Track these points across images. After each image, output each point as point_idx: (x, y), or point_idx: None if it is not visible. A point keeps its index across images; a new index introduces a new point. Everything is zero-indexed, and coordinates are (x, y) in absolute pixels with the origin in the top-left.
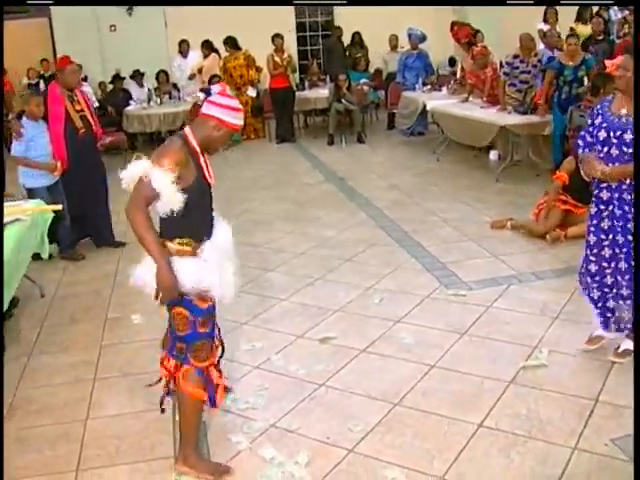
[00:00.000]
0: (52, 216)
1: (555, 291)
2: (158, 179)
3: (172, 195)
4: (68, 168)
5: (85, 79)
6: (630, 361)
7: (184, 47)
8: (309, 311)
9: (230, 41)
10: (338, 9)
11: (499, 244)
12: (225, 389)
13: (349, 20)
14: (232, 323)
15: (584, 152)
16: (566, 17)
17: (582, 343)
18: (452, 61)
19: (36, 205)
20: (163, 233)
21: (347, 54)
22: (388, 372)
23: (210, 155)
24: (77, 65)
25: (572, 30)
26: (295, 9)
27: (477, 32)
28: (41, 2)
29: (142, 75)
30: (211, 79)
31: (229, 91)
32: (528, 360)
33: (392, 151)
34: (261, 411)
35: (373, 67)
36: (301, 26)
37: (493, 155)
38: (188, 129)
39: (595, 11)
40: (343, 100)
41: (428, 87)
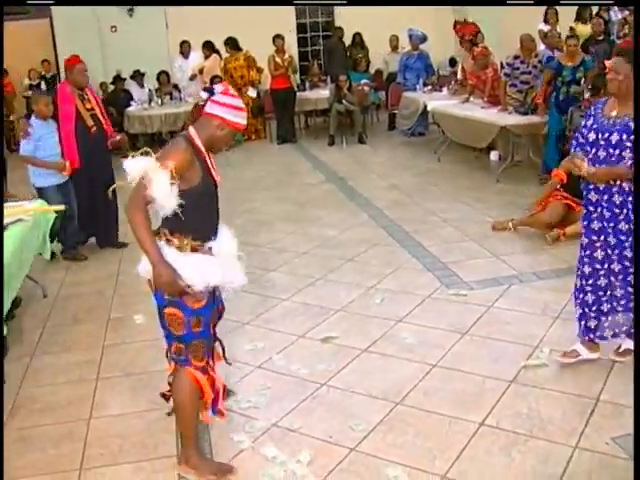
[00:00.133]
0: (57, 216)
1: (556, 291)
2: (157, 183)
3: (167, 199)
4: (79, 167)
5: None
6: (631, 360)
7: (185, 48)
8: (311, 311)
9: (231, 42)
10: (338, 10)
11: (500, 244)
12: (226, 391)
13: (350, 21)
14: (234, 323)
15: (574, 151)
16: (566, 17)
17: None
18: (452, 62)
19: (38, 205)
20: (166, 227)
21: (348, 55)
22: (390, 371)
23: (214, 154)
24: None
25: (572, 30)
26: (296, 10)
27: (478, 32)
28: (41, 2)
29: (143, 76)
30: (212, 80)
31: (232, 90)
32: (529, 359)
33: (393, 151)
34: (263, 410)
35: (374, 68)
36: (301, 27)
37: (494, 155)
38: (192, 129)
39: (595, 12)
40: (344, 101)
41: (429, 88)
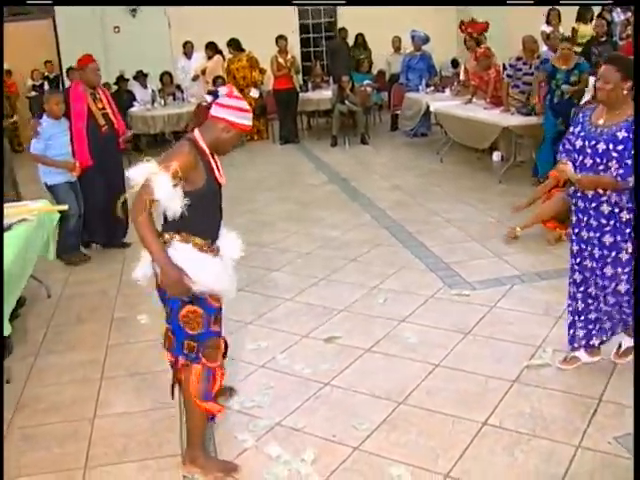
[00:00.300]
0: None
1: (558, 291)
2: (159, 185)
3: (171, 200)
4: (90, 166)
5: None
6: (616, 367)
7: (188, 48)
8: (314, 311)
9: (233, 43)
10: (341, 11)
11: (502, 244)
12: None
13: (352, 22)
14: (237, 323)
15: (561, 157)
16: (569, 19)
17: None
18: (455, 62)
19: (42, 205)
20: (169, 229)
21: (351, 55)
22: (393, 371)
23: (220, 156)
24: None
25: (574, 31)
26: (298, 11)
27: (481, 33)
28: (41, 2)
29: (146, 76)
30: (215, 80)
31: (236, 92)
32: (532, 359)
33: (395, 152)
34: (267, 409)
35: (376, 68)
36: (304, 27)
37: (496, 156)
38: (197, 132)
39: (598, 13)
40: (346, 101)
41: (431, 88)
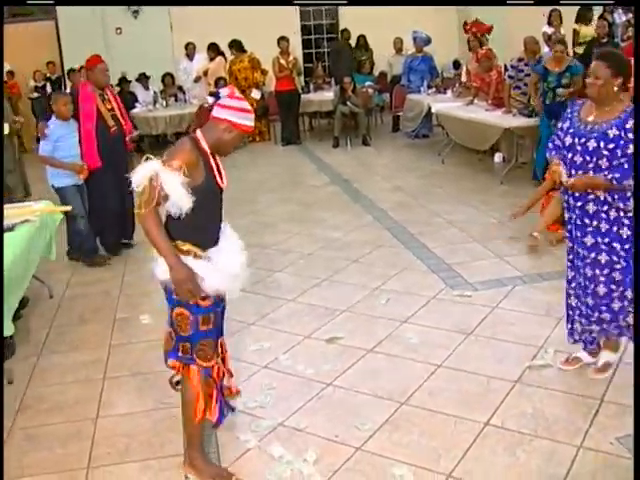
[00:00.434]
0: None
1: (560, 291)
2: (168, 180)
3: (182, 196)
4: (100, 167)
5: None
6: (617, 368)
7: (190, 49)
8: (316, 311)
9: (235, 44)
10: (343, 12)
11: (504, 245)
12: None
13: (354, 23)
14: (240, 323)
15: (551, 155)
16: (571, 20)
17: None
18: (456, 64)
19: (45, 206)
20: (170, 233)
21: (353, 57)
22: (395, 372)
23: (221, 157)
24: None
25: (575, 32)
26: (300, 12)
27: (484, 34)
28: (41, 2)
29: (148, 78)
30: (217, 82)
31: (238, 93)
32: (534, 360)
33: (397, 153)
34: (269, 410)
35: (377, 70)
36: (306, 29)
37: (498, 158)
38: (199, 132)
39: (599, 14)
40: (348, 103)
41: (433, 90)
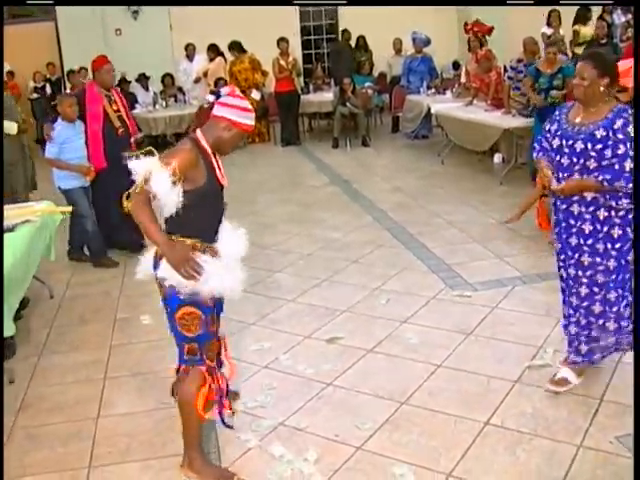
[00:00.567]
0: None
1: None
2: (158, 180)
3: (169, 198)
4: (106, 168)
5: None
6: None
7: (190, 50)
8: (316, 312)
9: (235, 45)
10: (342, 12)
11: (504, 246)
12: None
13: (353, 24)
14: (240, 323)
15: (537, 157)
16: (570, 21)
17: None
18: (456, 65)
19: (46, 206)
20: (169, 229)
21: (353, 57)
22: (395, 372)
23: (221, 156)
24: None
25: (576, 32)
26: (299, 13)
27: (483, 35)
28: (41, 2)
29: (148, 79)
30: (216, 82)
31: (238, 92)
32: (533, 360)
33: (396, 154)
34: (270, 410)
35: (377, 71)
36: (305, 30)
37: (497, 158)
38: (199, 132)
39: (598, 15)
40: (348, 103)
41: (432, 90)
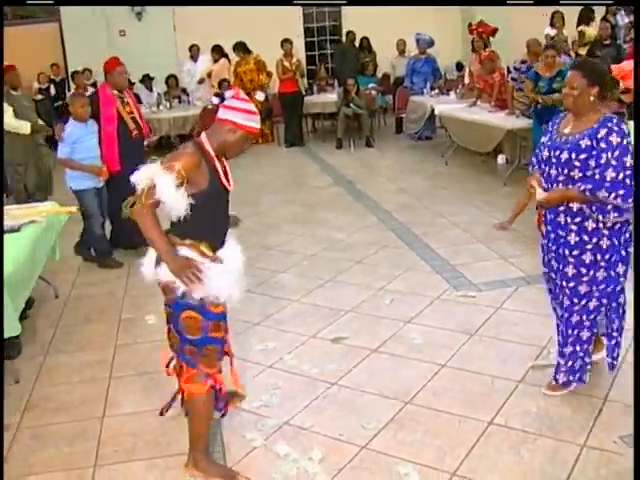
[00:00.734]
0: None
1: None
2: (163, 185)
3: (175, 201)
4: (121, 170)
5: (94, 84)
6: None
7: (194, 51)
8: (321, 312)
9: (240, 46)
10: (345, 13)
11: (508, 246)
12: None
13: (357, 25)
14: (244, 324)
15: (532, 170)
16: (573, 21)
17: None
18: (459, 66)
19: (51, 207)
20: (175, 233)
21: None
22: (399, 371)
23: (228, 159)
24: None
25: (581, 33)
26: (303, 14)
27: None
28: (41, 2)
29: (152, 80)
30: (220, 83)
31: (243, 95)
32: (537, 360)
33: (400, 155)
34: (275, 409)
35: (381, 72)
36: (309, 31)
37: (501, 159)
38: (204, 135)
39: (602, 16)
40: (352, 104)
41: (436, 91)
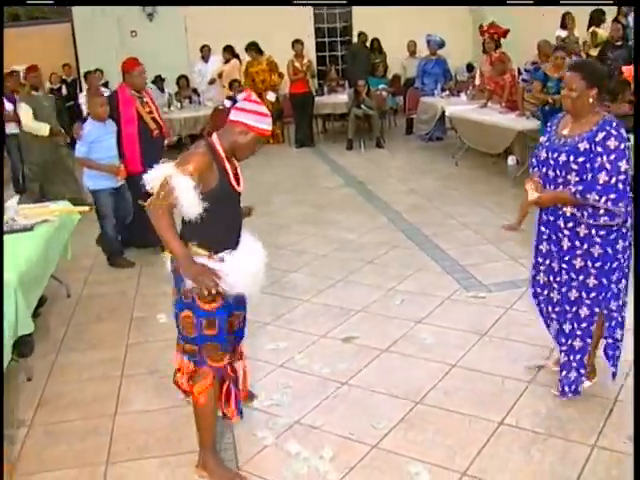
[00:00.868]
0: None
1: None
2: (179, 185)
3: (192, 200)
4: (143, 170)
5: (106, 85)
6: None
7: (205, 52)
8: (331, 312)
9: (253, 46)
10: (356, 14)
11: (518, 247)
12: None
13: (367, 26)
14: (256, 323)
15: (532, 171)
16: (585, 23)
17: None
18: (470, 67)
19: (63, 206)
20: (185, 236)
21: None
22: (410, 371)
23: (239, 161)
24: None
25: (594, 33)
26: (314, 15)
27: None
28: (41, 2)
29: (163, 80)
30: (231, 84)
31: (255, 97)
32: (547, 360)
33: (410, 156)
34: (286, 408)
35: (391, 73)
36: (319, 32)
37: (511, 160)
38: (215, 136)
39: (613, 17)
40: (362, 105)
41: (446, 93)
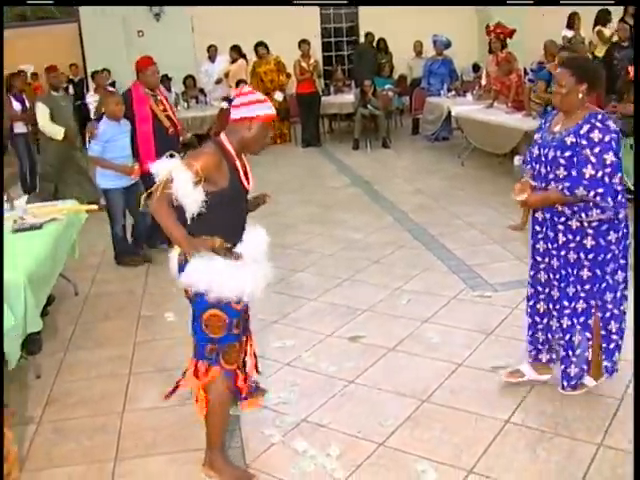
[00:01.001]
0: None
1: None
2: (180, 180)
3: (189, 198)
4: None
5: (113, 84)
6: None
7: (212, 52)
8: (338, 310)
9: (261, 46)
10: (362, 13)
11: (523, 247)
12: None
13: (374, 26)
14: (263, 322)
15: (524, 167)
16: (590, 23)
17: None
18: (476, 67)
19: (71, 205)
20: (192, 233)
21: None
22: (416, 370)
23: (252, 155)
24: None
25: (600, 33)
26: (320, 15)
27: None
28: (41, 2)
29: (170, 80)
30: (238, 84)
31: (246, 89)
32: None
33: (417, 156)
34: (293, 406)
35: (397, 73)
36: (326, 32)
37: (517, 160)
38: (223, 135)
39: (620, 17)
40: (369, 105)
41: (452, 93)
